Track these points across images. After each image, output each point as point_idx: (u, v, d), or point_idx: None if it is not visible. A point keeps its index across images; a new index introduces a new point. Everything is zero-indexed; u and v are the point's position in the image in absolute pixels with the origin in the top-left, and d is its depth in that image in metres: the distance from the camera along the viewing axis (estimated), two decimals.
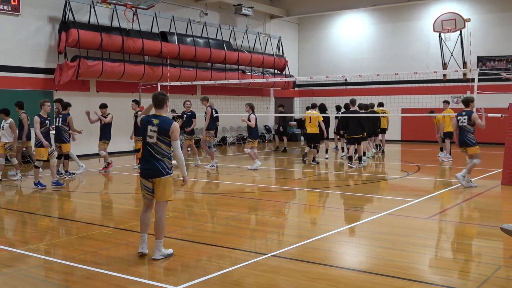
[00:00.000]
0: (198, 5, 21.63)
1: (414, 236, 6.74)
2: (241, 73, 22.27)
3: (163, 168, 5.66)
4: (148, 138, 5.70)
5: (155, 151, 5.67)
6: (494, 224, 7.20)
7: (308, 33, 26.91)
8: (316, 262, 5.54)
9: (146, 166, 5.72)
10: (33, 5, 16.00)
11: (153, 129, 5.66)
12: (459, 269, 5.45)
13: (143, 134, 5.74)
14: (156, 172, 5.64)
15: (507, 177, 10.70)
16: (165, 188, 5.67)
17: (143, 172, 5.75)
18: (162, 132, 5.64)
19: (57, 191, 10.50)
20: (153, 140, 5.67)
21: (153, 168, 5.65)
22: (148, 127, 5.70)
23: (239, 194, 10.36)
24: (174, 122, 5.77)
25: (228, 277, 5.06)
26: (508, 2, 21.30)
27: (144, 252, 5.69)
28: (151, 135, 5.67)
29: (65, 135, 12.22)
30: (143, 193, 5.79)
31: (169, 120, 5.73)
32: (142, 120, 5.83)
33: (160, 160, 5.66)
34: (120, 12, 17.52)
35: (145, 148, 5.74)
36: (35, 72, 16.14)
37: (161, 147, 5.67)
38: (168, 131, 5.62)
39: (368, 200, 9.72)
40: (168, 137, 5.65)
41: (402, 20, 23.88)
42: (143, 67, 18.10)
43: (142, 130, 5.78)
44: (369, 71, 22.35)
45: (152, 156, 5.67)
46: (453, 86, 22.18)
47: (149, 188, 5.71)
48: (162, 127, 5.64)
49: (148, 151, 5.71)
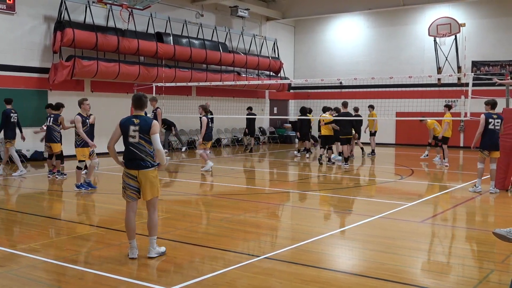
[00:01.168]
0: (194, 6, 21.64)
1: (407, 239, 6.76)
2: (236, 75, 22.28)
3: (148, 164, 5.72)
4: (130, 138, 5.74)
5: (139, 150, 5.71)
6: (487, 228, 7.24)
7: (303, 36, 26.97)
8: (309, 265, 5.54)
9: (130, 163, 5.75)
10: (28, 4, 15.96)
11: (135, 129, 5.72)
12: (451, 273, 5.46)
13: (125, 135, 5.79)
14: (139, 166, 5.68)
15: (500, 182, 10.73)
16: (152, 184, 5.70)
17: (127, 167, 5.75)
18: (144, 131, 5.71)
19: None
20: (135, 139, 5.73)
21: (137, 164, 5.70)
22: (129, 127, 5.75)
23: (232, 195, 10.37)
24: (154, 120, 5.87)
25: (221, 278, 5.06)
26: (503, 7, 21.46)
27: (135, 258, 5.69)
28: (133, 135, 5.73)
29: (55, 135, 12.09)
30: (127, 194, 5.75)
31: (149, 119, 5.83)
32: (122, 123, 5.84)
33: (143, 159, 5.71)
34: (116, 12, 17.50)
35: (128, 149, 5.76)
36: (29, 71, 16.09)
37: (144, 145, 5.72)
38: (150, 128, 5.71)
39: (361, 203, 9.75)
40: (149, 134, 5.72)
41: (397, 24, 23.99)
42: (138, 68, 18.08)
43: (123, 132, 5.81)
44: (364, 75, 22.46)
45: (136, 155, 5.71)
46: (448, 91, 22.32)
47: (134, 186, 5.72)
48: (144, 126, 5.72)
49: (131, 152, 5.74)
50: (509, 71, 20.44)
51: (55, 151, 12.18)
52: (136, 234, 5.80)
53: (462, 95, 20.38)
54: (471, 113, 12.15)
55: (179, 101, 19.44)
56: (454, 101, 22.01)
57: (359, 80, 21.24)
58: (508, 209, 9.30)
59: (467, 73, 14.06)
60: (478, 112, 11.84)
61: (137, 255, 5.69)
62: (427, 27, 22.26)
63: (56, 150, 12.17)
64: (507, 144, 10.72)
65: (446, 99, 21.86)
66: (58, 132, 12.19)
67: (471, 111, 12.20)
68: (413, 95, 21.88)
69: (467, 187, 11.25)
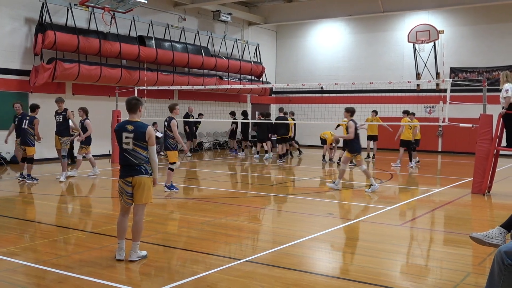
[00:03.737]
0: (177, 10, 21.65)
1: (386, 242, 6.85)
2: (218, 79, 22.32)
3: (143, 170, 5.73)
4: (124, 145, 5.73)
5: (133, 156, 5.70)
6: (464, 232, 7.33)
7: (285, 41, 27.16)
8: (290, 268, 5.58)
9: (125, 169, 5.76)
10: (9, 6, 15.83)
11: (128, 136, 5.69)
12: (429, 275, 5.55)
13: (119, 141, 5.79)
14: (134, 172, 5.69)
15: (477, 186, 10.90)
16: (144, 190, 5.71)
17: (122, 174, 5.77)
18: (138, 137, 5.68)
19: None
20: (129, 146, 5.70)
21: (132, 170, 5.70)
22: (122, 134, 5.73)
23: (214, 199, 10.40)
24: (149, 126, 5.79)
25: (202, 282, 5.08)
26: (480, 15, 21.89)
27: (121, 259, 5.70)
28: (127, 141, 5.70)
29: (30, 138, 11.86)
30: (123, 199, 5.78)
31: (144, 125, 5.76)
32: (116, 129, 5.84)
33: (138, 165, 5.71)
34: (98, 15, 17.44)
35: (123, 155, 5.76)
36: (10, 74, 15.92)
37: (139, 151, 5.71)
38: (145, 135, 5.67)
39: (341, 207, 9.86)
40: (144, 141, 5.69)
41: (377, 30, 24.31)
42: (120, 71, 18.03)
43: (117, 138, 5.82)
44: (345, 80, 22.72)
45: (131, 162, 5.71)
46: (426, 96, 22.70)
47: (129, 192, 5.73)
48: (138, 132, 5.69)
49: (125, 158, 5.74)
50: (486, 78, 20.87)
51: (29, 155, 11.88)
52: None
53: (441, 100, 20.77)
54: (449, 119, 12.25)
55: (161, 104, 19.39)
56: (433, 107, 22.40)
57: (340, 85, 21.40)
58: (484, 213, 9.46)
59: (445, 79, 14.30)
60: (456, 117, 12.08)
61: (123, 257, 5.70)
62: (407, 33, 22.58)
63: (30, 153, 11.90)
64: (483, 148, 10.84)
65: (425, 105, 22.24)
66: (33, 136, 11.91)
67: (449, 116, 12.31)
68: (393, 100, 22.20)
69: (445, 191, 11.49)
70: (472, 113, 17.22)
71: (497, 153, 11.07)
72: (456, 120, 12.91)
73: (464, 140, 20.98)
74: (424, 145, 22.04)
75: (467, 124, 12.34)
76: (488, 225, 7.88)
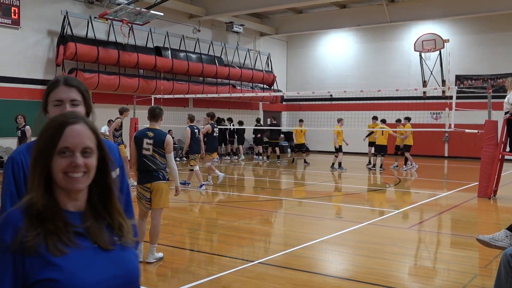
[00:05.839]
0: (192, 22, 22.26)
1: (394, 245, 6.91)
2: (231, 87, 22.90)
3: (161, 175, 5.92)
4: (144, 150, 5.91)
5: (152, 162, 5.89)
6: (471, 234, 7.32)
7: (296, 51, 27.70)
8: (301, 270, 5.65)
9: (143, 175, 5.93)
10: (32, 19, 16.47)
11: (149, 142, 5.90)
12: (437, 277, 5.63)
13: (139, 147, 5.96)
14: (153, 178, 5.87)
15: (483, 190, 10.96)
16: (162, 195, 5.86)
17: (141, 180, 5.92)
18: (158, 144, 5.90)
19: None
20: (149, 152, 5.89)
21: (150, 176, 5.90)
22: (144, 140, 5.93)
23: (228, 203, 10.72)
24: (167, 134, 6.05)
25: (217, 283, 5.17)
26: (485, 24, 22.31)
27: (139, 261, 5.98)
28: (147, 147, 5.89)
29: None
30: (142, 204, 5.92)
31: (163, 133, 6.01)
32: (136, 135, 6.05)
33: (156, 171, 5.90)
34: (116, 27, 18.04)
35: (142, 161, 5.92)
36: (33, 84, 16.56)
37: (157, 158, 5.90)
38: (163, 143, 5.90)
39: (351, 210, 9.93)
40: (163, 148, 5.91)
41: (384, 40, 24.80)
42: (138, 80, 18.63)
43: (137, 144, 5.98)
44: (353, 88, 23.03)
45: (149, 167, 5.90)
46: (433, 103, 23.08)
47: (147, 197, 5.88)
48: (158, 140, 5.92)
49: (145, 163, 5.91)
50: (491, 85, 21.30)
51: None
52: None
53: (447, 107, 21.09)
54: (455, 125, 12.41)
55: (177, 112, 20.07)
56: (439, 113, 22.87)
57: (349, 93, 21.92)
58: (490, 216, 9.55)
59: (451, 87, 14.47)
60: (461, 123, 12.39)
61: (141, 259, 5.71)
62: (413, 42, 22.97)
63: None
64: (489, 154, 10.89)
65: (432, 111, 22.68)
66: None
67: (455, 122, 12.47)
68: (400, 107, 22.55)
69: (452, 195, 11.69)
70: (477, 119, 17.35)
71: (502, 158, 11.11)
72: (461, 126, 12.97)
73: (469, 146, 21.12)
74: (431, 151, 22.56)
75: (473, 130, 12.40)
76: (494, 228, 7.79)
